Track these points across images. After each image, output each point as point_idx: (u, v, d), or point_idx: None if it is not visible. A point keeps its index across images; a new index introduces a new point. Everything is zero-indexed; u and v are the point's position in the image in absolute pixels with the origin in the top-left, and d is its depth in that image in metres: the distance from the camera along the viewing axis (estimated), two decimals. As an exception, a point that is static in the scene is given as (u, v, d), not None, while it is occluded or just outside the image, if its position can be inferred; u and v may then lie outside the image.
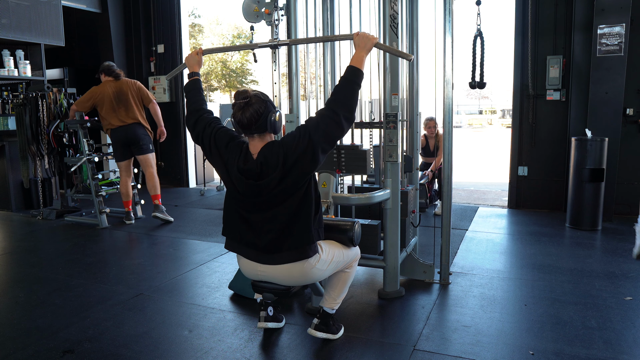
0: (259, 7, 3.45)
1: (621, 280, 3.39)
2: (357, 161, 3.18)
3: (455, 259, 3.92)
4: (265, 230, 2.20)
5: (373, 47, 2.32)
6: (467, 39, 3.74)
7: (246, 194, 2.17)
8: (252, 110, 2.11)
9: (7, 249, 4.47)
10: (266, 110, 2.14)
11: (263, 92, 2.19)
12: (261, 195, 2.15)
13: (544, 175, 5.76)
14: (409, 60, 2.89)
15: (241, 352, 2.48)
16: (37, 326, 2.80)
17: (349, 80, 2.19)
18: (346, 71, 2.22)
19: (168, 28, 7.77)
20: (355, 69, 2.21)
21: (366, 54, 2.28)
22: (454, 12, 3.14)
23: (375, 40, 2.30)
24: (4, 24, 5.70)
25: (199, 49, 2.64)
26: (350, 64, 2.23)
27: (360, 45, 2.28)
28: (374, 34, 3.52)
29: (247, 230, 2.25)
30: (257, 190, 2.13)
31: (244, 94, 2.14)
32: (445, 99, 3.21)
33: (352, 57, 2.27)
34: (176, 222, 5.40)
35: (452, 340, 2.57)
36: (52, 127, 5.44)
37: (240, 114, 2.12)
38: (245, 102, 2.12)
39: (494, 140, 20.48)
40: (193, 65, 2.60)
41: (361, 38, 2.29)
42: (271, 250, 2.23)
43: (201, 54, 2.63)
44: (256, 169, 2.12)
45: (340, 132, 2.15)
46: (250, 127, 2.13)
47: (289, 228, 2.19)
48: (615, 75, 4.98)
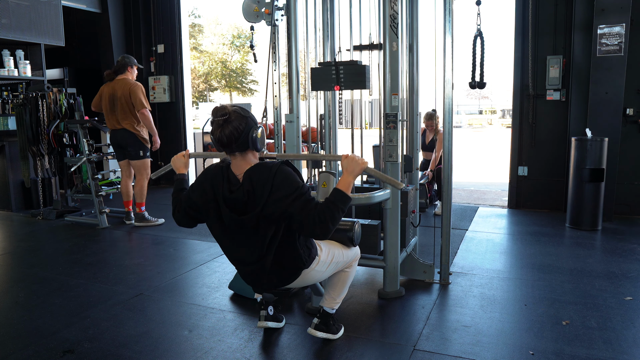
0: (259, 7, 3.44)
1: (621, 280, 3.39)
2: (356, 76, 3.07)
3: (455, 259, 3.92)
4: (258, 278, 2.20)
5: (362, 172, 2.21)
6: (467, 39, 3.74)
7: (231, 228, 2.11)
8: (232, 127, 2.01)
9: (7, 249, 4.47)
10: (247, 127, 2.03)
11: (243, 108, 2.08)
12: (243, 230, 2.09)
13: (544, 175, 5.76)
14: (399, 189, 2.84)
15: (241, 352, 2.48)
16: (37, 326, 2.81)
17: (335, 205, 2.01)
18: (332, 194, 2.05)
19: (168, 28, 7.77)
20: (342, 195, 2.05)
21: (354, 178, 2.14)
22: (454, 12, 3.14)
23: (365, 165, 2.17)
24: (4, 24, 5.70)
25: (186, 151, 2.57)
26: (337, 187, 2.08)
27: (348, 169, 2.15)
28: (371, 41, 3.53)
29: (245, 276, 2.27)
30: (239, 224, 2.07)
31: (222, 110, 2.03)
32: (445, 99, 3.21)
33: (339, 180, 2.12)
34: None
35: (452, 340, 2.57)
36: (52, 127, 5.44)
37: (219, 132, 2.02)
38: (224, 120, 2.01)
39: (494, 140, 20.47)
40: (179, 167, 2.50)
41: (349, 162, 2.16)
42: (271, 287, 2.27)
43: (187, 157, 2.54)
44: (243, 198, 2.02)
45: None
46: (230, 145, 2.03)
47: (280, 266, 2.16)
48: (615, 75, 4.98)
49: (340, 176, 2.17)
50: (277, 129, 3.66)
